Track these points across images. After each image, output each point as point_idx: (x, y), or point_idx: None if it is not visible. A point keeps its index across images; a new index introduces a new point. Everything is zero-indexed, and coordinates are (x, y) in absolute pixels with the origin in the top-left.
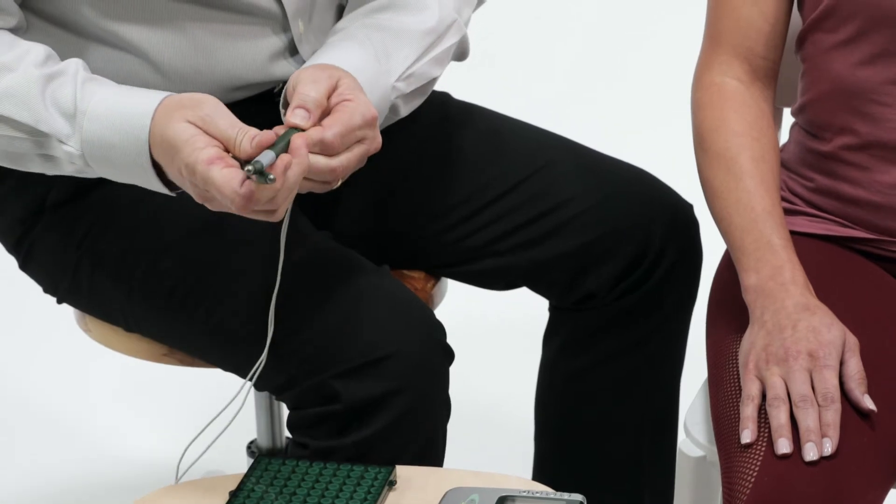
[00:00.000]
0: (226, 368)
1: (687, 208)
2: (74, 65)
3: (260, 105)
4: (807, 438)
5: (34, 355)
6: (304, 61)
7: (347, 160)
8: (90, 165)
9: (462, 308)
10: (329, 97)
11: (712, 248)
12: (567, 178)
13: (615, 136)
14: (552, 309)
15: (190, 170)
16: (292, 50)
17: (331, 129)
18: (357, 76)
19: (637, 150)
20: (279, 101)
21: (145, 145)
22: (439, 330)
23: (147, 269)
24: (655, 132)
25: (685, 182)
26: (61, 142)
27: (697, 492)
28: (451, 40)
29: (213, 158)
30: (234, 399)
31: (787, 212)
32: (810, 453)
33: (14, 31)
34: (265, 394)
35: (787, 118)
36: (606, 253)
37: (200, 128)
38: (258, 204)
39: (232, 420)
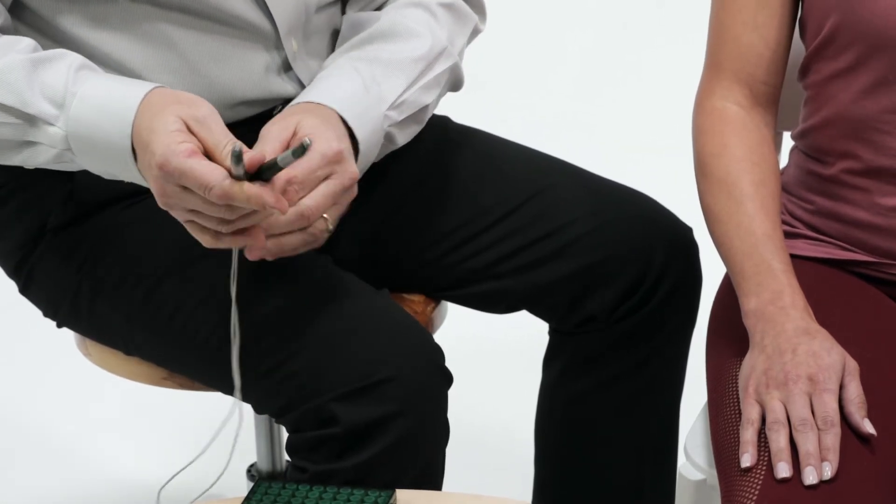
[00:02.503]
0: (225, 392)
1: (686, 231)
2: (71, 55)
3: (259, 125)
4: (806, 462)
5: (34, 379)
6: (298, 79)
7: (315, 202)
8: (70, 148)
9: (462, 331)
10: (289, 145)
11: (712, 272)
12: (567, 201)
13: (614, 160)
14: (552, 332)
15: (162, 161)
16: (286, 67)
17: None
18: (345, 109)
19: (636, 174)
20: None
21: (129, 127)
22: (438, 353)
23: (146, 293)
24: (654, 156)
25: (684, 205)
26: (48, 123)
27: None
28: (441, 67)
29: (190, 152)
30: (227, 419)
31: (787, 235)
32: (810, 477)
33: (1, 31)
34: (265, 417)
35: (787, 141)
36: (607, 276)
37: (189, 127)
38: (233, 201)
39: (234, 444)
